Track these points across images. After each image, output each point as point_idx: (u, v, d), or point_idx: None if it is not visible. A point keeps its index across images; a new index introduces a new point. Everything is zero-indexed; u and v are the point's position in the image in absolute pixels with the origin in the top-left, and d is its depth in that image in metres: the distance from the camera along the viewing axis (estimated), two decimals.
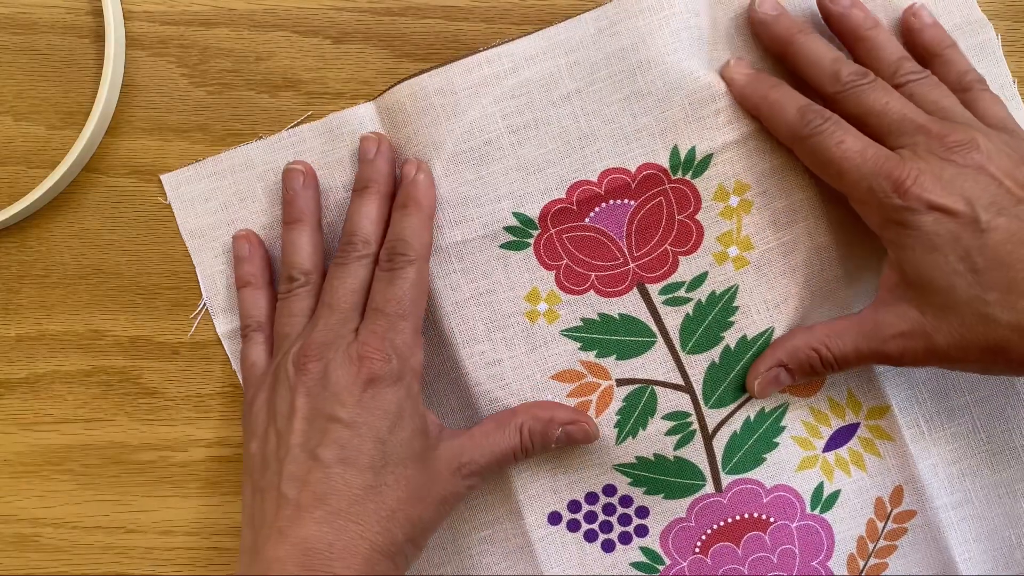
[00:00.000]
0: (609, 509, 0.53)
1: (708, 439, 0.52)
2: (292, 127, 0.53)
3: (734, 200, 0.51)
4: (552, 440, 0.50)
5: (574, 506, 0.53)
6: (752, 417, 0.52)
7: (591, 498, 0.53)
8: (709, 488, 0.53)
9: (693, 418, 0.52)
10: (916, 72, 0.49)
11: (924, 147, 0.46)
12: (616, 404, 0.52)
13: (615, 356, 0.52)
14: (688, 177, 0.51)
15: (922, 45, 0.51)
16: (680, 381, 0.52)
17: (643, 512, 0.53)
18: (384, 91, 0.52)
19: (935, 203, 0.44)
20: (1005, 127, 0.48)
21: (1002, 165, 0.45)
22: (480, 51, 0.51)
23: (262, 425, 0.49)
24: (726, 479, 0.53)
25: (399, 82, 0.51)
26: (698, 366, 0.52)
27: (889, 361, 0.47)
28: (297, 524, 0.45)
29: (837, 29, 0.51)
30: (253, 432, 0.49)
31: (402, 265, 0.49)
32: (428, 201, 0.50)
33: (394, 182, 0.51)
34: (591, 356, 0.52)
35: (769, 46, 0.51)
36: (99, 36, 0.53)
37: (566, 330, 0.52)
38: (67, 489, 0.55)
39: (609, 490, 0.53)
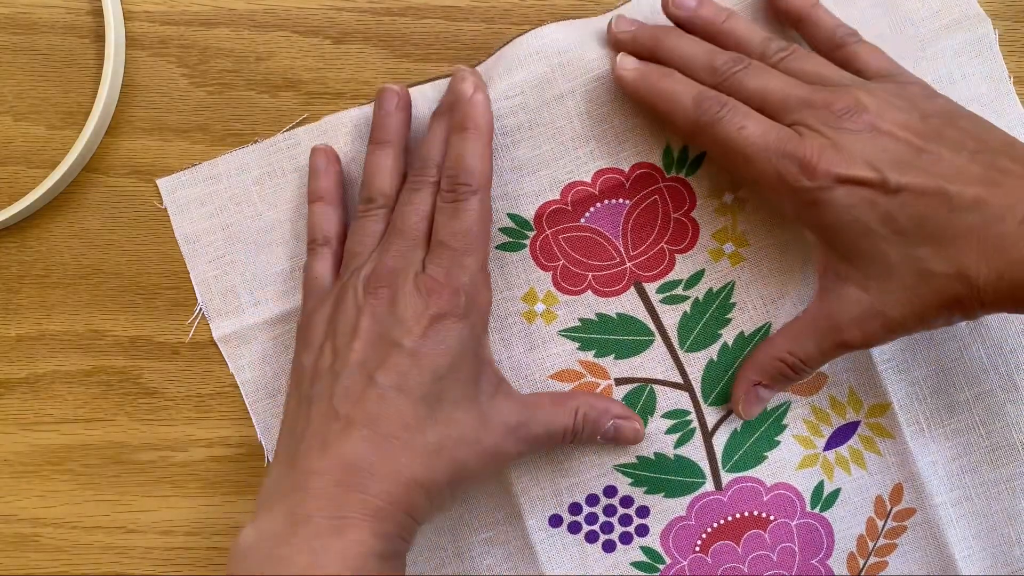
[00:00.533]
0: (610, 510, 0.53)
1: (708, 437, 0.52)
2: (287, 130, 0.53)
3: (728, 197, 0.51)
4: (601, 431, 0.50)
5: (575, 509, 0.53)
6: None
7: (592, 500, 0.53)
8: (709, 486, 0.53)
9: (693, 416, 0.52)
10: (783, 49, 0.48)
11: (814, 120, 0.45)
12: None
13: (613, 355, 0.52)
14: (682, 175, 0.51)
15: (786, 12, 0.50)
16: (679, 379, 0.52)
17: (643, 512, 0.53)
18: None
19: (843, 175, 0.44)
20: (889, 74, 0.48)
21: (895, 119, 0.44)
22: (482, 62, 0.52)
23: (319, 339, 0.48)
24: (726, 477, 0.53)
25: None
26: (696, 364, 0.52)
27: (856, 347, 0.47)
28: (343, 439, 0.45)
29: (693, 33, 0.50)
30: (308, 344, 0.49)
31: (465, 196, 0.47)
32: (487, 123, 0.48)
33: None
34: (589, 356, 0.52)
35: (640, 56, 0.49)
36: (99, 36, 0.53)
37: (564, 330, 0.52)
38: (67, 489, 0.55)
39: (610, 491, 0.53)
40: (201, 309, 0.54)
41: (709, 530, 0.53)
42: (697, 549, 0.53)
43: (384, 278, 0.47)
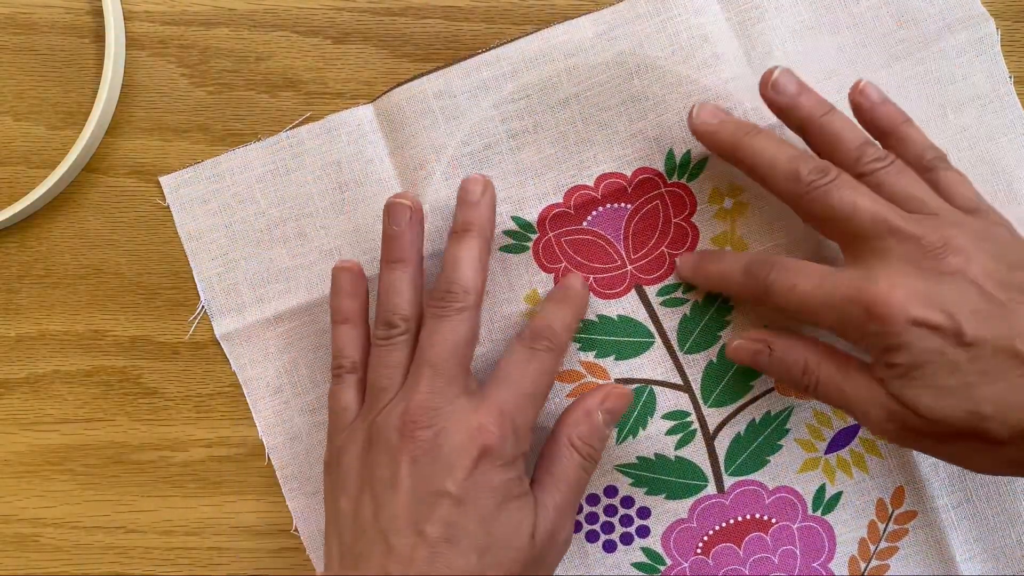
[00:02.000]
0: (610, 510, 0.53)
1: (709, 439, 0.52)
2: (290, 128, 0.53)
3: (728, 203, 0.51)
4: (601, 428, 0.49)
5: None
6: (757, 420, 0.52)
7: (592, 499, 0.53)
8: (711, 489, 0.53)
9: (693, 417, 0.52)
10: (881, 159, 0.45)
11: (898, 254, 0.42)
12: None
13: (614, 356, 0.52)
14: (683, 180, 0.51)
15: (875, 124, 0.48)
16: (679, 380, 0.52)
17: (644, 513, 0.53)
18: (383, 93, 0.52)
19: (916, 318, 0.41)
20: (977, 209, 0.45)
21: (983, 265, 0.42)
22: (479, 53, 0.51)
23: (355, 484, 0.46)
24: (728, 480, 0.53)
25: (398, 84, 0.52)
26: (696, 365, 0.52)
27: (866, 423, 0.45)
28: None
29: (788, 121, 0.47)
30: (343, 488, 0.46)
31: (546, 349, 0.47)
32: (583, 307, 0.50)
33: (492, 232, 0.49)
34: (590, 356, 0.52)
35: (719, 154, 0.48)
36: (99, 36, 0.53)
37: None
38: (67, 489, 0.55)
39: (610, 491, 0.53)
40: (203, 307, 0.54)
41: (711, 532, 0.53)
42: (698, 551, 0.53)
43: (423, 419, 0.45)
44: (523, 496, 0.46)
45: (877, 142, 0.46)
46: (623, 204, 0.51)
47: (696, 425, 0.52)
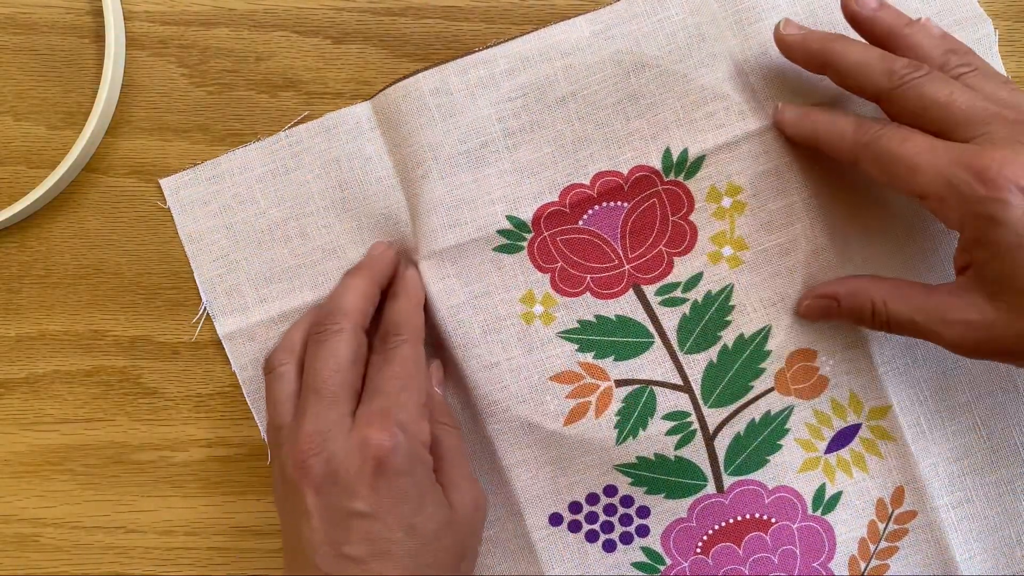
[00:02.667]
0: (610, 509, 0.53)
1: (709, 439, 0.52)
2: (289, 128, 0.53)
3: (727, 201, 0.51)
4: (444, 401, 0.52)
5: (575, 507, 0.53)
6: (757, 420, 0.52)
7: (592, 499, 0.53)
8: (710, 489, 0.53)
9: (693, 418, 0.52)
10: (967, 64, 0.45)
11: (1002, 135, 0.42)
12: (615, 405, 0.52)
13: (613, 357, 0.52)
14: (680, 179, 0.51)
15: (875, 32, 0.48)
16: (679, 381, 0.52)
17: (644, 512, 0.53)
18: (380, 90, 0.52)
19: (1019, 164, 0.40)
20: None
21: None
22: (476, 51, 0.51)
23: (284, 516, 0.48)
24: (728, 480, 0.53)
25: (395, 81, 0.52)
26: (696, 366, 0.52)
27: (940, 342, 0.45)
28: None
29: (870, 34, 0.48)
30: (280, 512, 0.48)
31: (397, 344, 0.48)
32: (417, 292, 0.51)
33: (391, 274, 0.52)
34: (589, 357, 0.52)
35: (807, 65, 0.48)
36: (99, 36, 0.53)
37: (563, 332, 0.52)
38: (67, 489, 0.55)
39: (610, 490, 0.53)
40: (205, 308, 0.54)
41: (710, 532, 0.53)
42: (698, 551, 0.53)
43: (311, 447, 0.45)
44: (434, 486, 0.47)
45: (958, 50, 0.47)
46: (619, 203, 0.52)
47: (696, 425, 0.52)
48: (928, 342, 0.46)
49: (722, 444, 0.52)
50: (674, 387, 0.52)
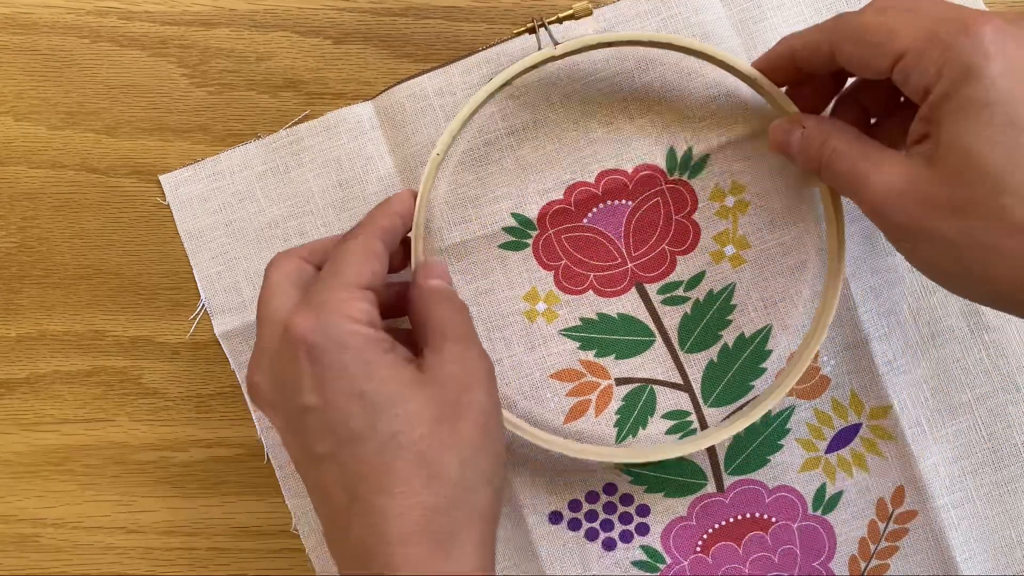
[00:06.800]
0: (610, 507, 0.53)
1: None
2: (290, 126, 0.53)
3: (730, 200, 0.52)
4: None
5: (575, 505, 0.53)
6: (758, 420, 0.52)
7: (592, 497, 0.53)
8: (711, 488, 0.53)
9: (693, 416, 0.52)
10: None
11: (995, 23, 0.40)
12: (616, 403, 0.52)
13: (614, 355, 0.52)
14: (684, 177, 0.52)
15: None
16: (679, 380, 0.52)
17: (644, 510, 0.53)
18: (383, 91, 0.52)
19: (1009, 50, 0.38)
20: None
21: None
22: (480, 50, 0.51)
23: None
24: (728, 479, 0.53)
25: (398, 82, 0.52)
26: (697, 365, 0.52)
27: (866, 192, 0.42)
28: (350, 525, 0.41)
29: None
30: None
31: (345, 240, 0.46)
32: (401, 202, 0.48)
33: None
34: (590, 355, 0.52)
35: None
36: (99, 36, 0.53)
37: (565, 330, 0.52)
38: (67, 489, 0.55)
39: (610, 488, 0.53)
40: (204, 305, 0.54)
41: (710, 531, 0.53)
42: (698, 549, 0.53)
43: (253, 369, 0.44)
44: (384, 353, 0.42)
45: None
46: (624, 201, 0.52)
47: (696, 425, 0.52)
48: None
49: (722, 444, 0.52)
50: (674, 386, 0.52)
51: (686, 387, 0.52)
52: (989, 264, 0.40)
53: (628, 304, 0.52)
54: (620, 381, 0.52)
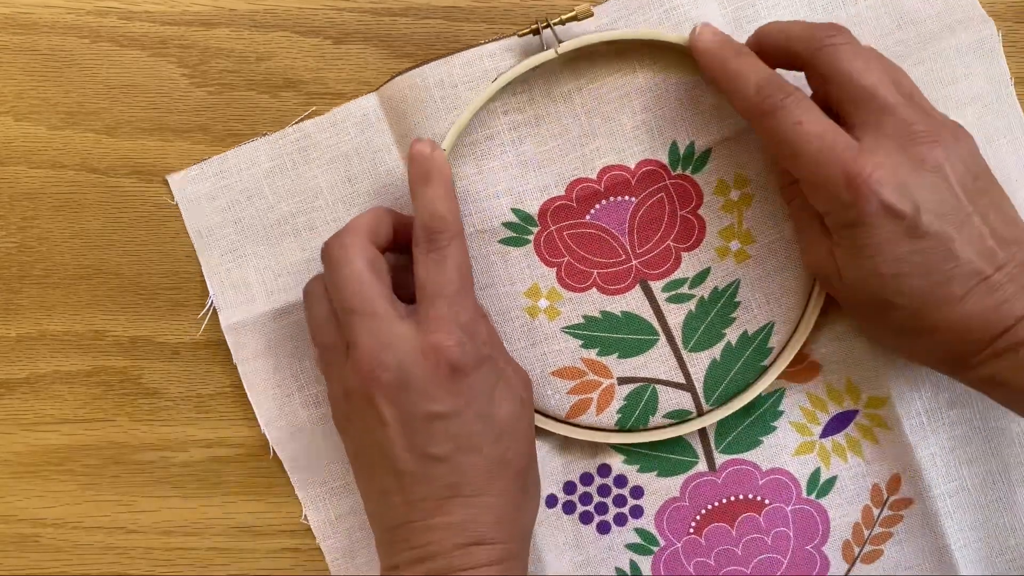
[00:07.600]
0: (604, 490, 0.54)
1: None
2: (296, 123, 0.53)
3: (735, 194, 0.52)
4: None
5: (569, 487, 0.54)
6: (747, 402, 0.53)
7: (586, 479, 0.54)
8: (702, 466, 0.53)
9: (694, 416, 0.53)
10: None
11: (890, 132, 0.44)
12: (617, 403, 0.53)
13: (617, 354, 0.53)
14: (688, 172, 0.52)
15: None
16: (682, 379, 0.53)
17: (638, 492, 0.54)
18: (386, 81, 0.52)
19: (887, 202, 0.43)
20: (946, 116, 0.47)
21: (956, 168, 0.44)
22: (482, 43, 0.51)
23: (351, 433, 0.49)
24: (720, 458, 0.53)
25: (400, 72, 0.52)
26: (699, 364, 0.52)
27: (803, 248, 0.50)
28: (442, 513, 0.46)
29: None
30: (345, 431, 0.49)
31: (447, 243, 0.47)
32: (447, 173, 0.48)
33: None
34: (592, 354, 0.53)
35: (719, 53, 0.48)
36: (99, 36, 0.53)
37: (567, 327, 0.52)
38: (67, 489, 0.55)
39: (604, 470, 0.53)
40: (212, 302, 0.54)
41: (703, 512, 0.54)
42: (691, 531, 0.54)
43: (375, 363, 0.46)
44: (500, 377, 0.48)
45: None
46: (627, 197, 0.52)
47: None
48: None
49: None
50: (677, 386, 0.53)
51: (688, 387, 0.53)
52: (902, 352, 0.51)
53: (632, 302, 0.52)
54: (622, 380, 0.53)
